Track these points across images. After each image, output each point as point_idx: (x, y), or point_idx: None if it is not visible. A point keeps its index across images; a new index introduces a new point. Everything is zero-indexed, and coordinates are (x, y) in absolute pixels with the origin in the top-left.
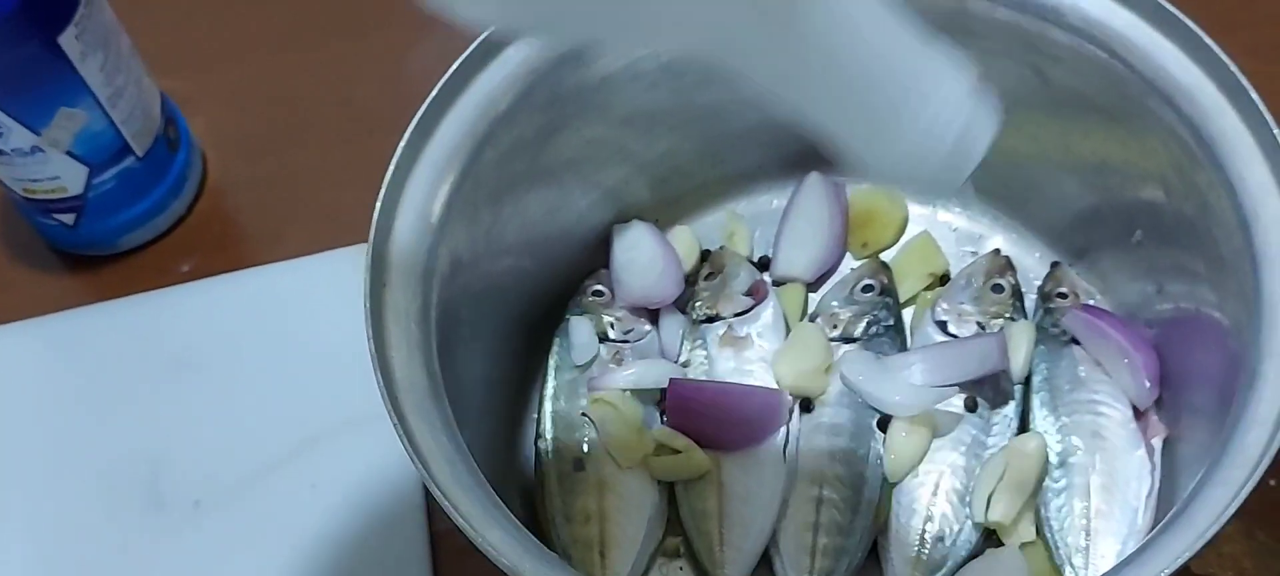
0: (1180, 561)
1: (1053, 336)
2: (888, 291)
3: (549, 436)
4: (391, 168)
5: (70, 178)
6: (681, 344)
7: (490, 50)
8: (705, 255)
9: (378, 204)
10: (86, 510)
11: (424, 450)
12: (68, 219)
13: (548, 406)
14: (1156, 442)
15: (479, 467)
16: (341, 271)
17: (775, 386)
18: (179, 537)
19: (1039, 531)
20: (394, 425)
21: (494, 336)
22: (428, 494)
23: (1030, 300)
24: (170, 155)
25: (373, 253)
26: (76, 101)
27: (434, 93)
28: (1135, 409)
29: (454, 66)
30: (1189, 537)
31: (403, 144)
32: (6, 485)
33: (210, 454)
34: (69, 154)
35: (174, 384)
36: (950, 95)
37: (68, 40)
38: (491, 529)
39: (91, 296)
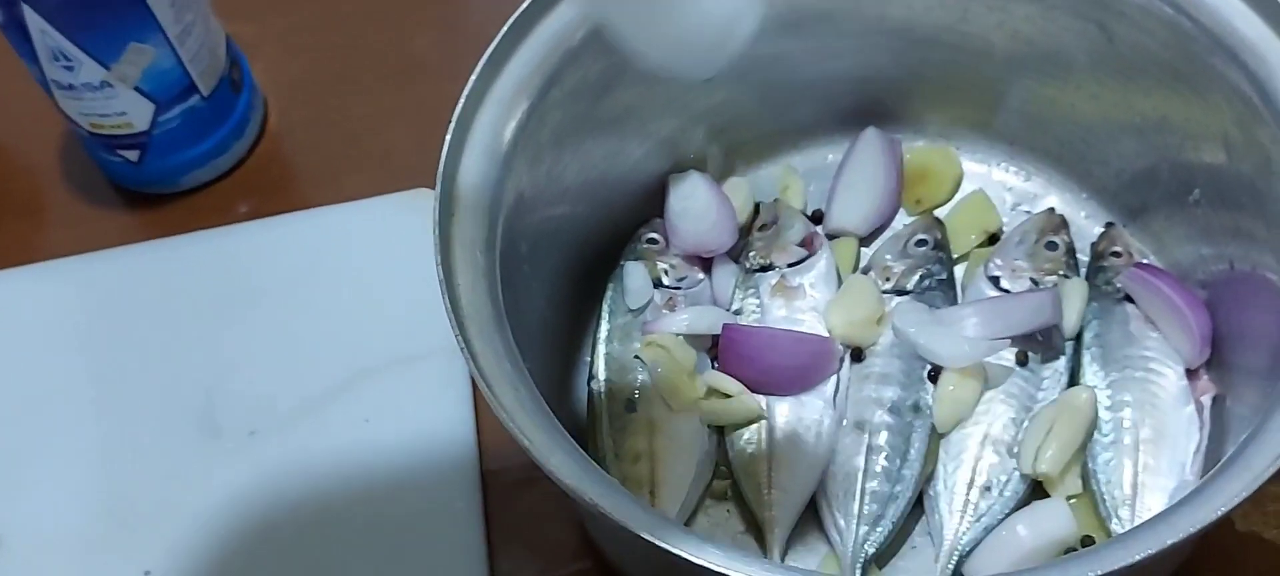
0: (1226, 509)
1: (1106, 294)
2: (941, 246)
3: (602, 377)
4: (462, 99)
5: (137, 114)
6: (734, 292)
7: None
8: (759, 208)
9: (448, 134)
10: (146, 437)
11: (489, 373)
12: (132, 155)
13: (601, 348)
14: (1206, 400)
15: None
16: (396, 214)
17: (826, 335)
18: (235, 465)
19: (1086, 484)
20: (461, 347)
21: (551, 276)
22: (480, 433)
23: (1083, 260)
24: (234, 96)
25: (442, 181)
26: (146, 37)
27: (505, 29)
28: (1186, 367)
29: (525, 4)
30: (1236, 487)
31: (474, 76)
32: (69, 413)
33: (266, 386)
34: (137, 89)
35: (231, 319)
36: None
37: None
38: (555, 453)
39: (153, 233)
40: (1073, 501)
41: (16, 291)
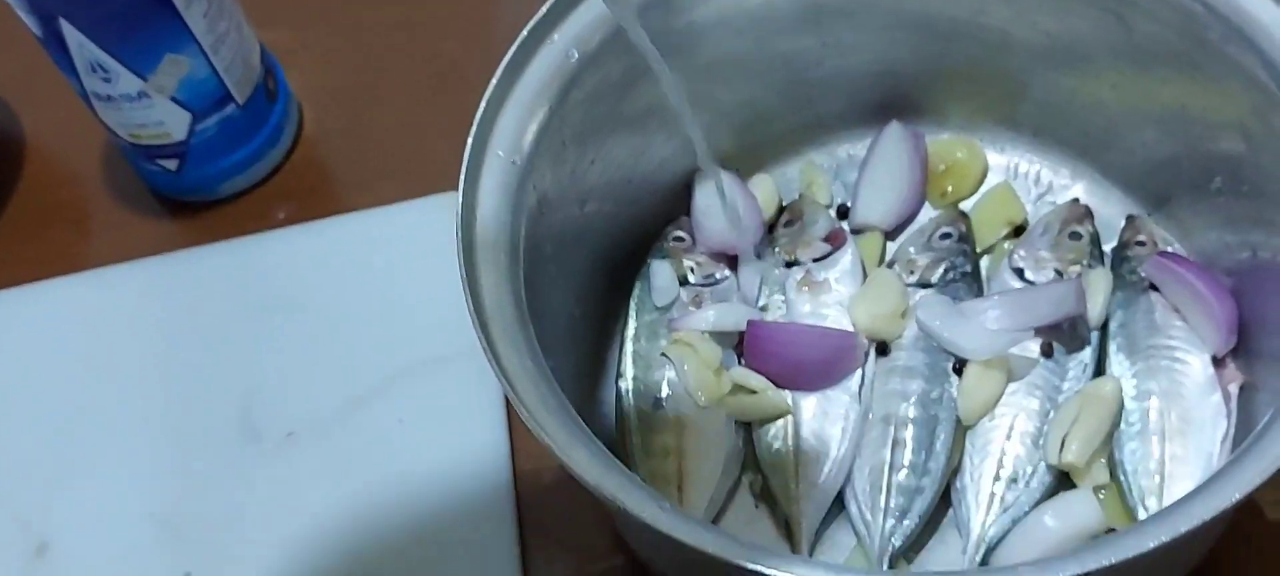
0: (1251, 488)
1: (1130, 283)
2: (965, 239)
3: (629, 375)
4: (483, 102)
5: (174, 123)
6: (760, 289)
7: None
8: (783, 206)
9: (469, 137)
10: (187, 441)
11: (510, 370)
12: (171, 165)
13: (629, 347)
14: (1233, 389)
15: None
16: (429, 218)
17: (851, 330)
18: (273, 467)
19: (1112, 474)
20: (482, 346)
21: (577, 275)
22: (511, 434)
23: (1108, 250)
24: (269, 105)
25: (464, 183)
26: (181, 48)
27: (524, 33)
28: (1213, 355)
29: (544, 8)
30: (1261, 466)
31: (494, 81)
32: (111, 418)
33: (303, 389)
34: (173, 99)
35: (269, 323)
36: None
37: None
38: (576, 448)
39: (192, 240)
40: (1100, 492)
41: (61, 300)
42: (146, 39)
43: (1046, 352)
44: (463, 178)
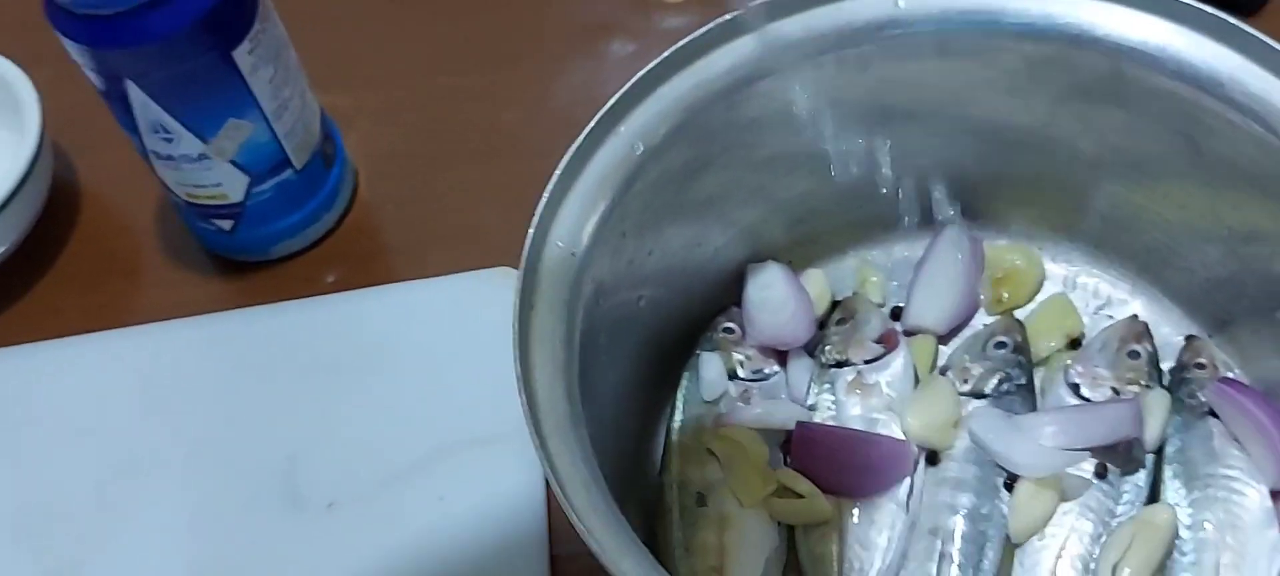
0: None
1: (1189, 407)
2: (1021, 349)
3: (674, 469)
4: (546, 194)
5: (232, 186)
6: (809, 387)
7: (648, 85)
8: (836, 303)
9: (531, 228)
10: (230, 503)
11: (563, 474)
12: (226, 225)
13: (674, 438)
14: None
15: None
16: (480, 292)
17: (902, 436)
18: (313, 536)
19: None
20: (537, 447)
21: (626, 363)
22: (550, 517)
23: (1166, 369)
24: (325, 170)
25: (524, 276)
26: (244, 113)
27: (591, 124)
28: (1271, 489)
29: (611, 100)
30: None
31: (558, 172)
32: (153, 475)
33: (346, 458)
34: (233, 162)
35: (315, 388)
36: None
37: (241, 55)
38: (624, 558)
39: (242, 300)
40: None
41: (111, 352)
42: (211, 103)
43: (1100, 474)
44: (521, 271)
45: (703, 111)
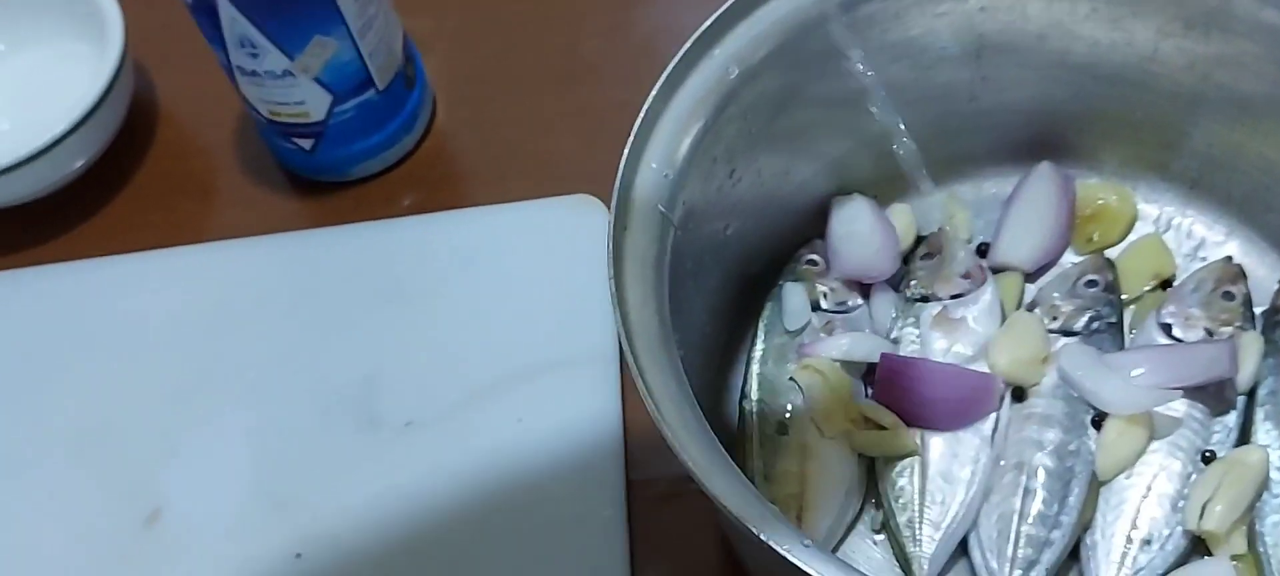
0: None
1: None
2: (1111, 288)
3: (754, 397)
4: (642, 113)
5: (315, 104)
6: (893, 321)
7: (744, 7)
8: (921, 238)
9: (626, 149)
10: (304, 421)
11: (655, 390)
12: (306, 144)
13: (755, 368)
14: None
15: None
16: (560, 218)
17: (988, 372)
18: (389, 455)
19: (1251, 545)
20: (631, 364)
21: (712, 292)
22: (627, 442)
23: (1259, 313)
24: (406, 92)
25: (618, 196)
26: (331, 30)
27: (687, 45)
28: None
29: (708, 21)
30: None
31: (654, 93)
32: (231, 392)
33: (423, 379)
34: (317, 81)
35: (392, 310)
36: None
37: None
38: (716, 476)
39: (319, 221)
40: (1236, 562)
41: (186, 268)
42: (298, 19)
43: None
44: (616, 189)
45: (799, 37)
